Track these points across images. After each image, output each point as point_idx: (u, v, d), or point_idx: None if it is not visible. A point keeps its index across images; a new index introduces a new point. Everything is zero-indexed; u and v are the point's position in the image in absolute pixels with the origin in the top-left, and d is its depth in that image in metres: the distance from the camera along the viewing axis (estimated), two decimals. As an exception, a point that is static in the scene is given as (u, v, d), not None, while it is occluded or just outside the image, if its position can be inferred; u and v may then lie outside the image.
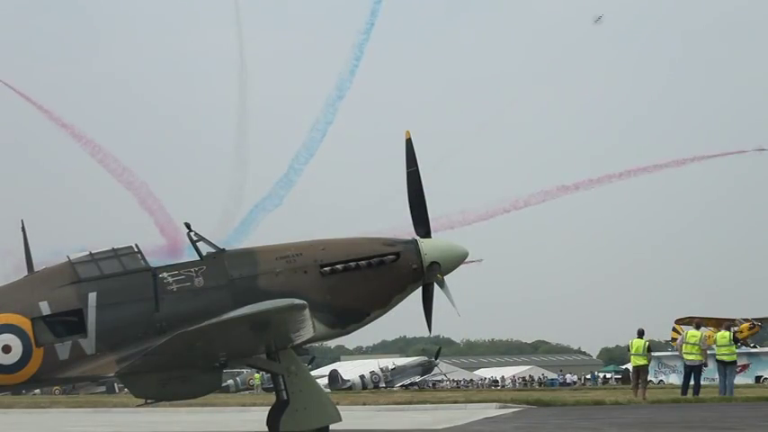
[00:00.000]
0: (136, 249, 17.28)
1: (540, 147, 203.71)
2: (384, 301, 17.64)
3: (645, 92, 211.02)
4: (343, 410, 18.08)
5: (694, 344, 35.52)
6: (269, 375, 18.20)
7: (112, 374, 16.93)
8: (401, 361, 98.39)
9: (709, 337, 50.59)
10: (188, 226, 17.19)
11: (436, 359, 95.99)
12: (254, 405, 33.32)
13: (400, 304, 17.86)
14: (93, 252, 17.26)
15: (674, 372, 70.35)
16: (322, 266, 17.33)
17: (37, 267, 17.77)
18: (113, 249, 17.28)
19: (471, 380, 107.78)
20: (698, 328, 37.40)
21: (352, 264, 17.39)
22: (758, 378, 74.11)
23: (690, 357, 35.54)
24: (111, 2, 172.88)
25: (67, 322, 16.97)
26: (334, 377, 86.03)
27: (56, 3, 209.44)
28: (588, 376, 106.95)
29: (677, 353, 38.36)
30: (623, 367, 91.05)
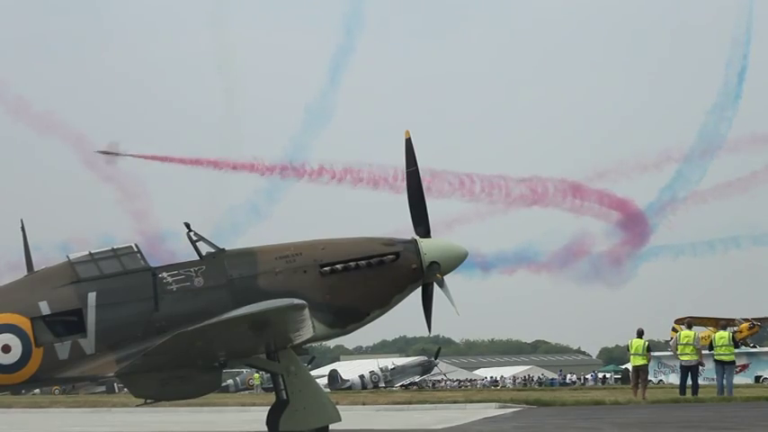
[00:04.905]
0: (135, 249, 17.28)
1: (535, 144, 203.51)
2: (384, 301, 17.64)
3: (636, 90, 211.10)
4: (343, 410, 18.09)
5: (688, 344, 35.54)
6: (269, 375, 18.20)
7: (112, 374, 16.93)
8: (401, 361, 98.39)
9: (706, 337, 50.58)
10: (187, 226, 17.18)
11: (436, 359, 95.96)
12: (254, 405, 33.32)
13: (400, 304, 17.86)
14: (92, 252, 17.26)
15: (673, 371, 70.33)
16: (322, 266, 17.32)
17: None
18: (113, 249, 17.29)
19: (473, 380, 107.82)
20: (690, 327, 37.43)
21: (352, 264, 17.39)
22: (757, 378, 74.14)
23: (685, 358, 35.56)
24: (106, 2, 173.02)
25: (67, 322, 16.97)
26: (333, 377, 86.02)
27: (53, 3, 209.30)
28: (588, 376, 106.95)
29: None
30: (623, 367, 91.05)
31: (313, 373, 55.31)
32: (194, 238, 17.15)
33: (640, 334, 37.21)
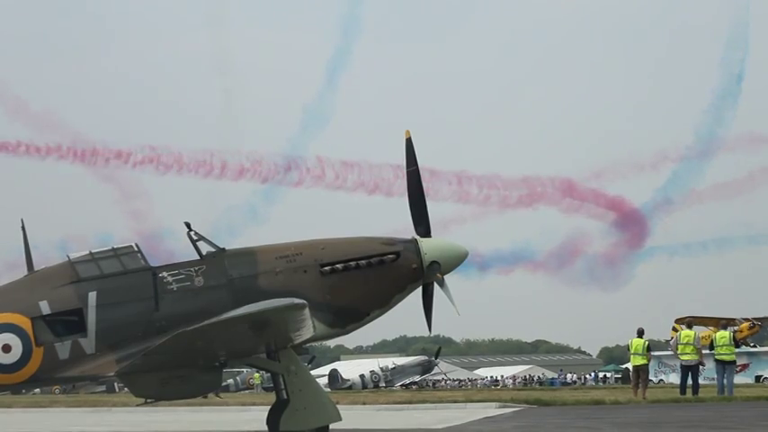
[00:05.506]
0: (136, 249, 17.29)
1: (533, 144, 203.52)
2: (384, 301, 17.64)
3: (634, 90, 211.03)
4: (343, 410, 18.08)
5: (688, 343, 35.54)
6: (269, 375, 18.18)
7: (112, 374, 16.94)
8: (401, 360, 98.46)
9: (707, 336, 50.57)
10: (188, 225, 17.18)
11: (436, 359, 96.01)
12: (254, 405, 33.31)
13: (400, 304, 17.85)
14: (93, 251, 17.27)
15: (674, 371, 70.32)
16: (322, 266, 17.32)
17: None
18: (113, 249, 17.29)
19: (473, 379, 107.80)
20: (690, 327, 37.46)
21: (352, 263, 17.39)
22: (758, 378, 74.15)
23: (686, 357, 35.57)
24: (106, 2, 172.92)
25: (67, 322, 16.97)
26: (333, 377, 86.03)
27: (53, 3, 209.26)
28: (588, 376, 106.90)
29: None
30: (623, 367, 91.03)
31: (313, 372, 55.33)
32: (195, 237, 17.16)
33: (640, 334, 37.21)
